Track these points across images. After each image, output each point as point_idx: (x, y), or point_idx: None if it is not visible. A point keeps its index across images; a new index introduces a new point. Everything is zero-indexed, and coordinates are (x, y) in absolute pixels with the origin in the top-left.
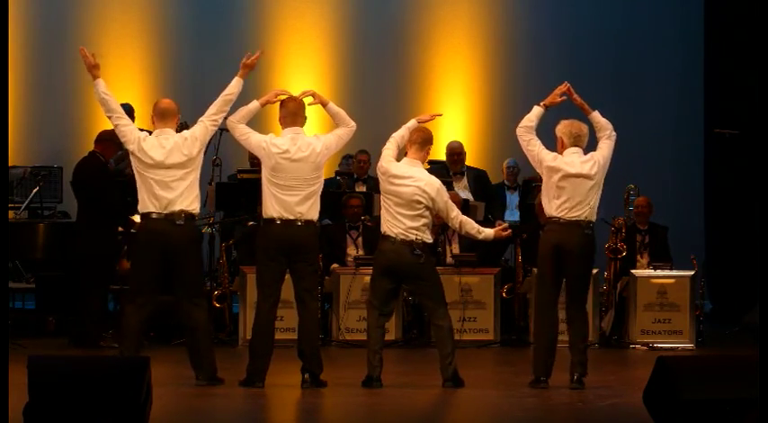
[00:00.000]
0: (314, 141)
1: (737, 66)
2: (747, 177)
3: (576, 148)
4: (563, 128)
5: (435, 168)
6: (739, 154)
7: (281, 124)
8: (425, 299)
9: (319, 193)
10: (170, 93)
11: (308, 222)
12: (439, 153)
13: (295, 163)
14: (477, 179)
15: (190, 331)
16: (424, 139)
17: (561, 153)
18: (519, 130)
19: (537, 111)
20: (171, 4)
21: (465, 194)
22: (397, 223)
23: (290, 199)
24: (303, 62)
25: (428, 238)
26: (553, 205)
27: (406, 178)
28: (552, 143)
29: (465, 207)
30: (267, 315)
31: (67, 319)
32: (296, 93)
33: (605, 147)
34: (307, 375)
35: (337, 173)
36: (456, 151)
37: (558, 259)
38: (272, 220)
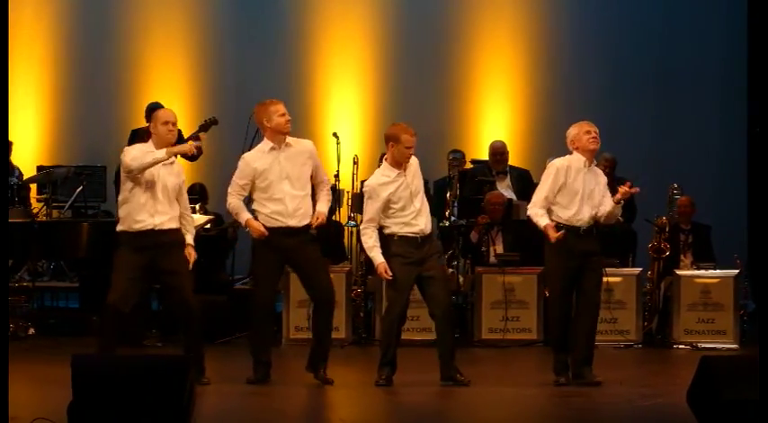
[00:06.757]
0: None
1: None
2: None
3: None
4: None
5: (478, 168)
6: None
7: None
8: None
9: None
10: (213, 92)
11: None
12: (482, 153)
13: None
14: (521, 179)
15: None
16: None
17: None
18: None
19: None
20: (214, 4)
21: (508, 194)
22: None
23: None
24: (346, 61)
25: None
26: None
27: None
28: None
29: (508, 206)
30: None
31: None
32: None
33: None
34: None
35: None
36: (499, 151)
37: None
38: None
